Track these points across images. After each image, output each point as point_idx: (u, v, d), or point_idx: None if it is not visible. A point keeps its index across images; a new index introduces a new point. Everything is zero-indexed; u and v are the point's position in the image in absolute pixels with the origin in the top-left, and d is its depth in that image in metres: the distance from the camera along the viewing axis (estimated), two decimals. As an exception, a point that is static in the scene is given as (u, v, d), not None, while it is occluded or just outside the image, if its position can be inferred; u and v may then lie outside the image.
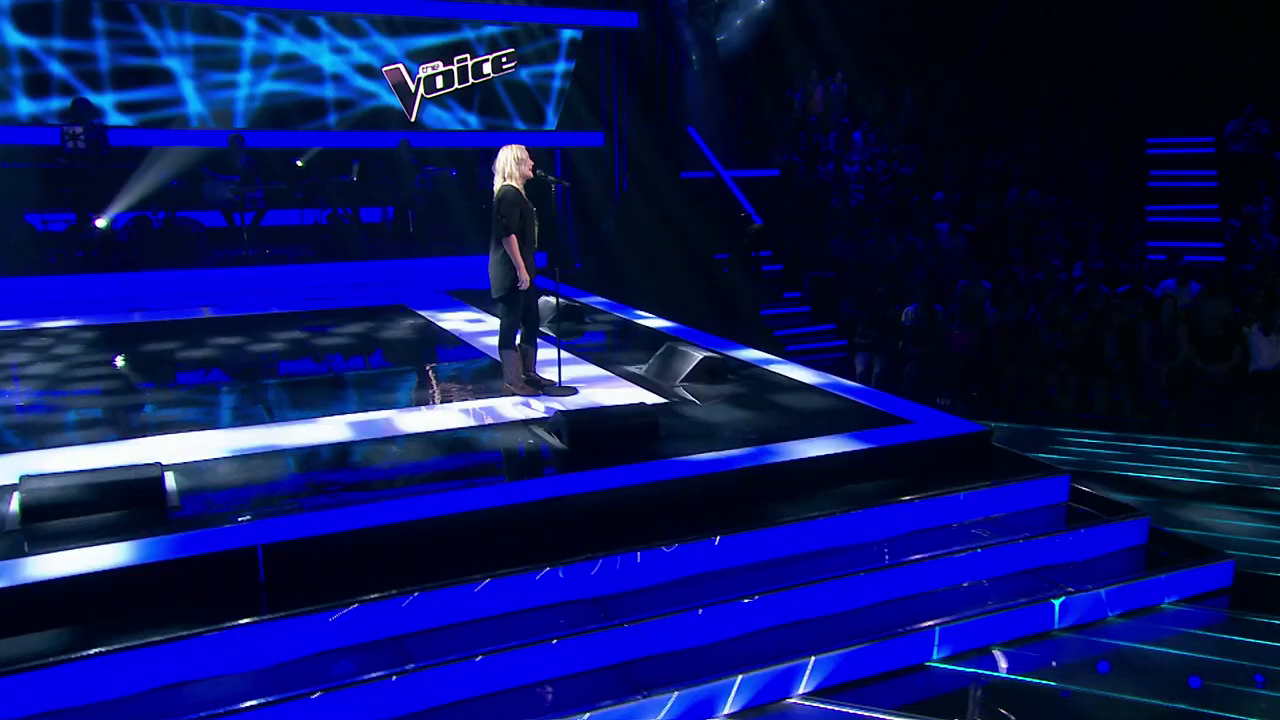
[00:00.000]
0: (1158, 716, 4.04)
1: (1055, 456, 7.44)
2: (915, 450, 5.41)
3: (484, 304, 9.75)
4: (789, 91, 17.69)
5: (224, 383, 7.15)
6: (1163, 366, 9.21)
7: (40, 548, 3.97)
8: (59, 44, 11.82)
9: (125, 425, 5.77)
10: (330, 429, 5.57)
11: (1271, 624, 4.78)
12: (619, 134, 15.89)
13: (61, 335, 8.39)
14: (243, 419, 5.89)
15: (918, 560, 4.73)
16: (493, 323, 8.87)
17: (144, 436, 5.46)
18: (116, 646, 3.53)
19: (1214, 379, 8.99)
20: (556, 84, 15.37)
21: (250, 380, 7.00)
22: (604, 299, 10.24)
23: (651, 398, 6.24)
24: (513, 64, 15.03)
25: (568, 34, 15.26)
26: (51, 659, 3.45)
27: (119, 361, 7.70)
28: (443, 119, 14.59)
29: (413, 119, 14.38)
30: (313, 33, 13.34)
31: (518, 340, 6.20)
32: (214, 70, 12.68)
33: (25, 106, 11.77)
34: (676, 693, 3.92)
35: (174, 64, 12.47)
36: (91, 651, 3.50)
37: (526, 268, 5.98)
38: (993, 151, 16.70)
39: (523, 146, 6.07)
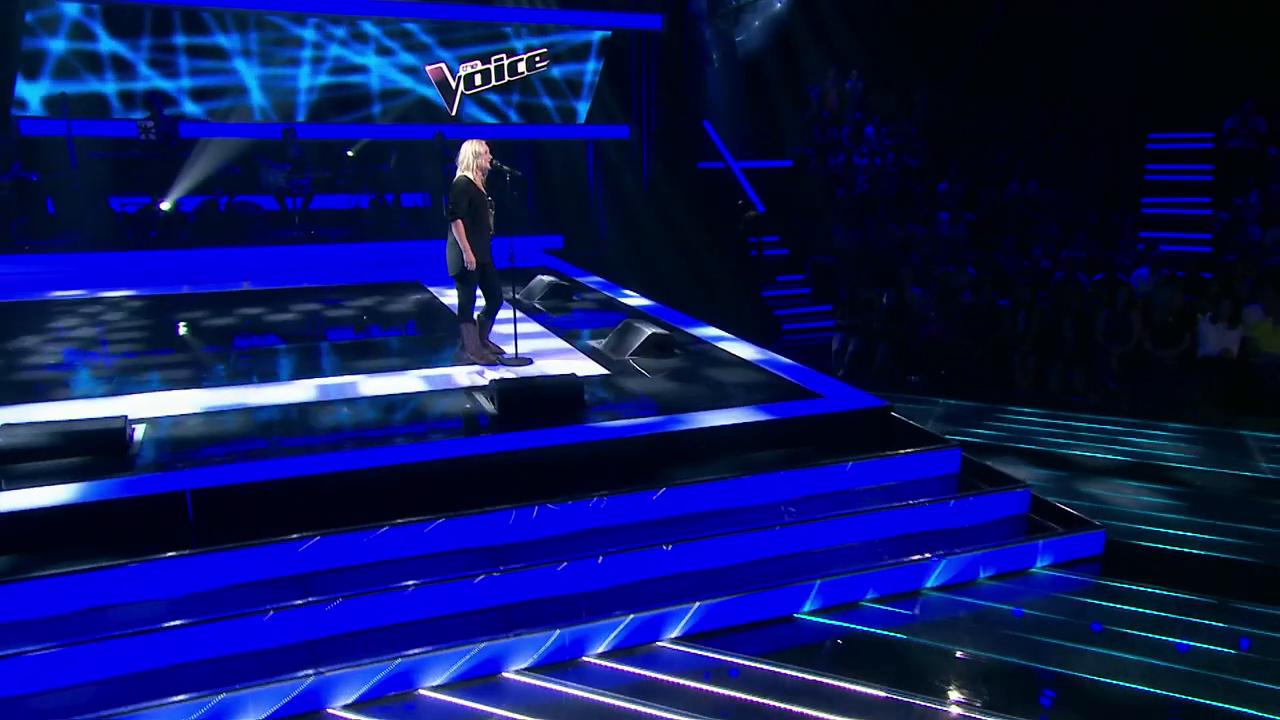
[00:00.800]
0: (1001, 670, 3.98)
1: (988, 432, 7.32)
2: (819, 422, 5.35)
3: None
4: (806, 88, 17.36)
5: (229, 348, 7.36)
6: (1116, 349, 8.90)
7: (10, 485, 4.21)
8: (145, 44, 12.26)
9: (128, 382, 6.02)
10: (299, 391, 5.75)
11: (1131, 588, 4.67)
12: (647, 127, 15.86)
13: (114, 303, 8.77)
14: (230, 380, 6.09)
15: (801, 522, 4.71)
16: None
17: (141, 393, 5.71)
18: (52, 571, 3.74)
19: (1163, 363, 8.66)
20: (587, 81, 15.37)
21: (251, 346, 7.19)
22: (601, 279, 10.26)
23: (599, 369, 6.28)
24: (545, 63, 15.08)
25: (598, 35, 15.25)
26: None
27: (181, 328, 8.00)
28: (481, 114, 14.72)
29: (453, 113, 14.56)
30: (362, 36, 13.57)
31: (475, 315, 6.29)
32: (276, 69, 13.00)
33: (113, 103, 12.25)
34: (557, 630, 4.01)
35: (241, 64, 12.82)
36: (31, 575, 3.72)
37: (482, 250, 6.05)
38: (997, 145, 16.21)
39: (483, 141, 6.14)
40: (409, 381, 5.98)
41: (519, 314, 7.04)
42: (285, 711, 3.58)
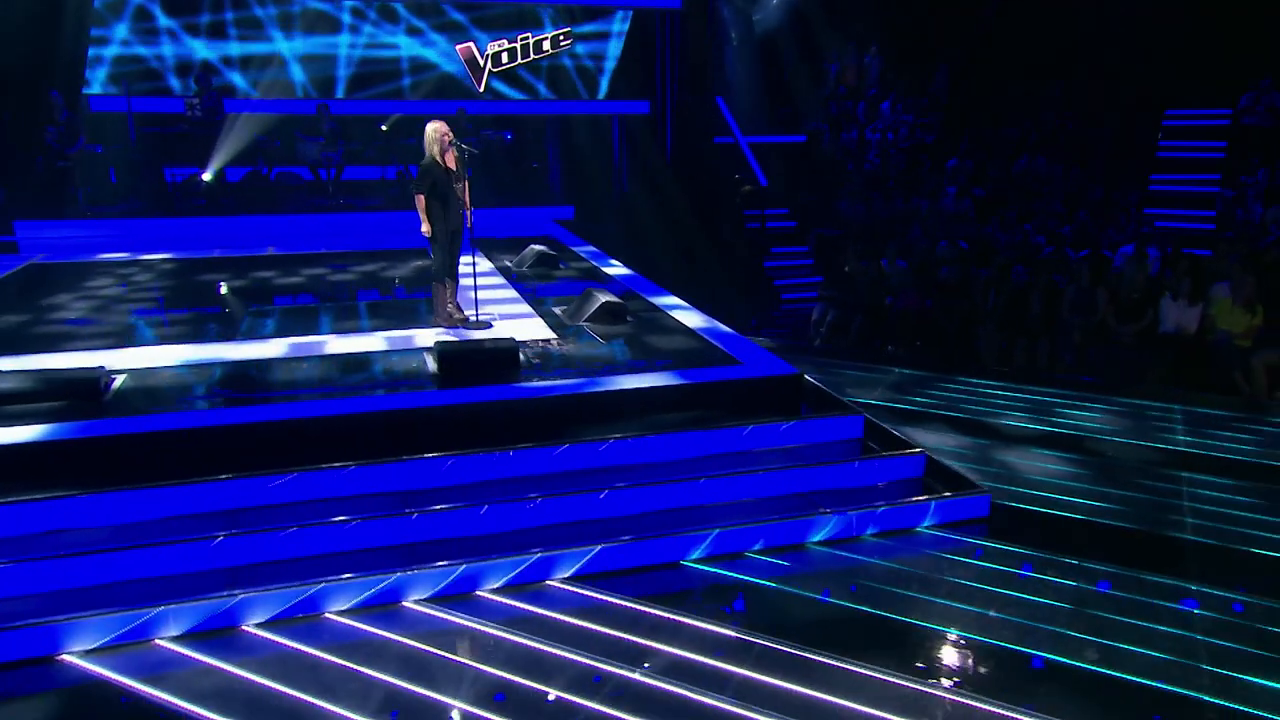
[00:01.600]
0: (851, 617, 4.12)
1: (928, 400, 7.33)
2: (733, 387, 5.49)
3: (492, 250, 10.09)
4: (825, 64, 17.07)
5: (232, 307, 7.75)
6: (1078, 320, 8.74)
7: (-1, 424, 4.65)
8: (200, 22, 12.76)
9: (128, 337, 6.44)
10: (272, 348, 6.10)
11: (1004, 548, 4.73)
12: (666, 103, 15.84)
13: (148, 266, 9.28)
14: (217, 337, 6.46)
15: (696, 479, 4.87)
16: (482, 265, 9.28)
17: (137, 346, 6.12)
18: (14, 499, 4.14)
19: (1123, 339, 8.50)
20: (609, 58, 15.40)
21: (247, 307, 7.54)
22: (595, 249, 10.41)
23: (550, 333, 6.49)
24: (569, 41, 15.09)
25: (620, 14, 15.23)
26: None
27: (222, 288, 8.42)
28: (507, 89, 14.89)
29: (481, 89, 14.72)
30: (393, 17, 13.83)
31: (448, 281, 6.55)
32: (315, 49, 13.38)
33: (170, 80, 12.80)
34: (456, 566, 4.27)
35: (283, 46, 13.22)
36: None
37: (451, 219, 6.30)
38: (1011, 120, 15.75)
39: (443, 123, 6.33)
40: (373, 342, 6.28)
41: (503, 280, 7.27)
42: (205, 626, 3.93)
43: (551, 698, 3.54)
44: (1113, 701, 3.53)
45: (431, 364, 5.65)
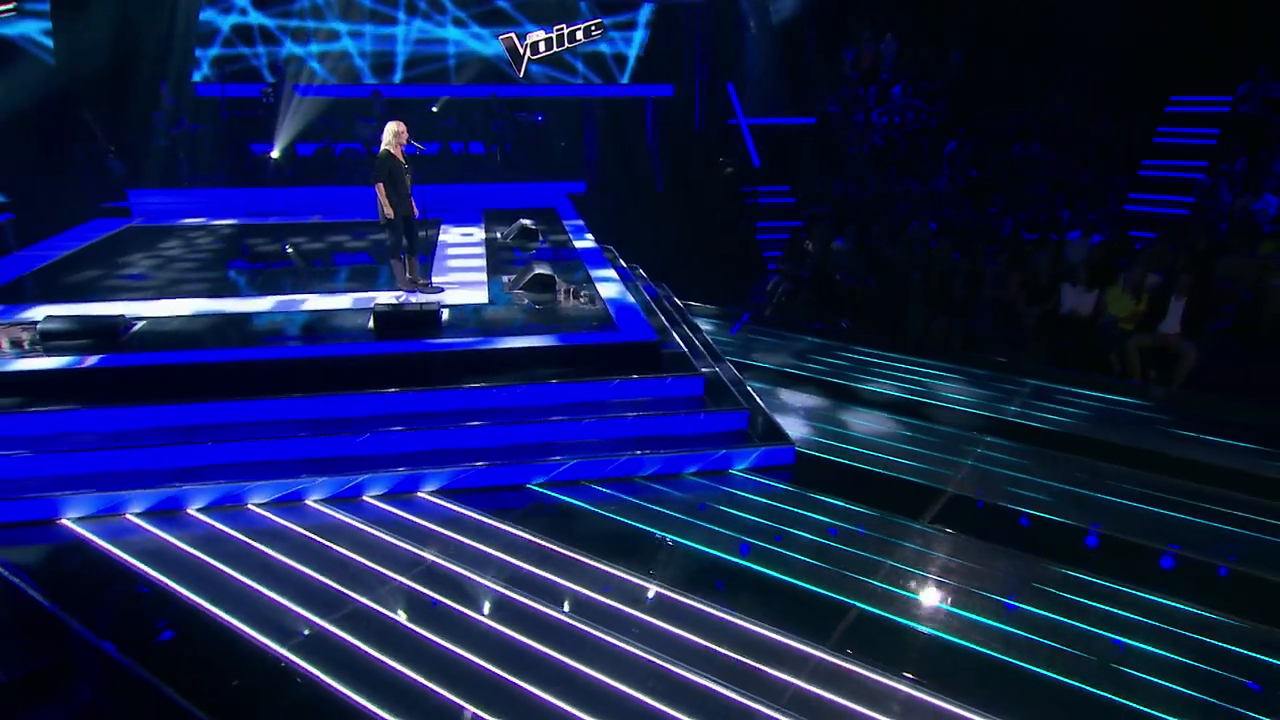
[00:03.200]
0: (638, 535, 4.84)
1: (814, 366, 7.83)
2: (605, 350, 6.21)
3: (500, 220, 10.92)
4: (842, 50, 16.97)
5: (254, 267, 8.72)
6: (990, 294, 8.97)
7: (41, 352, 5.84)
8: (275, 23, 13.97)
9: (163, 291, 7.62)
10: (261, 304, 7.15)
11: (797, 492, 5.32)
12: (698, 86, 16.24)
13: (212, 230, 10.56)
14: (229, 293, 7.57)
15: (555, 420, 5.66)
16: (478, 235, 10.15)
17: (163, 299, 7.30)
18: (40, 409, 5.31)
19: (1026, 320, 8.69)
20: (635, 47, 15.86)
21: (266, 266, 8.60)
22: (580, 223, 11.10)
23: (484, 299, 7.34)
24: (600, 31, 15.59)
25: (647, 7, 15.63)
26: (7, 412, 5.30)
27: (288, 248, 9.44)
28: (543, 75, 15.58)
29: (521, 74, 15.44)
30: (441, 9, 14.69)
31: (404, 255, 7.44)
32: (376, 40, 14.43)
33: (258, 65, 14.12)
34: (348, 478, 5.23)
35: (348, 42, 14.32)
36: (29, 409, 5.31)
37: (403, 205, 7.14)
38: (1015, 106, 15.41)
39: (401, 123, 7.14)
40: (341, 301, 7.27)
41: (483, 250, 7.99)
42: (158, 507, 5.02)
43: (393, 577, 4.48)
44: (794, 607, 4.17)
45: (370, 322, 6.58)
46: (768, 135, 15.63)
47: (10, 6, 12.08)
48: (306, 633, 3.97)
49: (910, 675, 3.64)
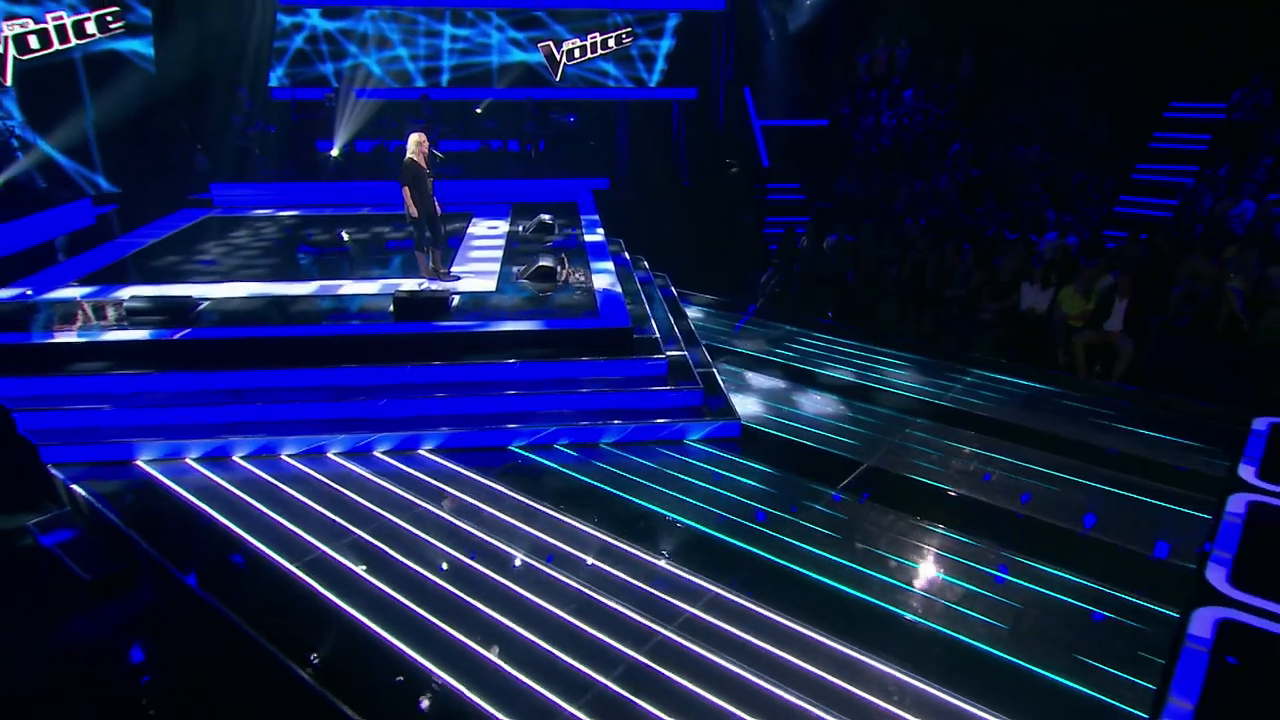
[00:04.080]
0: (591, 491, 5.49)
1: (783, 351, 8.29)
2: (585, 333, 6.84)
3: (525, 214, 11.59)
4: (857, 55, 17.07)
5: (308, 253, 9.58)
6: (955, 296, 9.28)
7: (127, 326, 6.77)
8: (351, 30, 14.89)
9: (228, 275, 8.53)
10: (307, 288, 7.98)
11: (738, 460, 5.87)
12: (720, 90, 16.60)
13: (276, 220, 11.50)
14: (284, 277, 8.43)
15: (534, 393, 6.34)
16: (502, 228, 10.84)
17: (228, 281, 8.19)
18: (123, 372, 6.22)
19: (985, 315, 8.98)
20: (663, 53, 16.28)
21: (319, 253, 9.47)
22: (595, 218, 11.68)
23: (492, 287, 8.03)
24: (630, 39, 16.11)
25: (673, 16, 16.03)
26: (91, 374, 6.23)
27: (344, 235, 10.33)
28: (579, 78, 16.14)
29: (558, 78, 16.09)
30: (485, 17, 15.36)
31: (428, 247, 8.16)
32: (425, 48, 15.19)
33: (323, 69, 15.07)
34: (374, 435, 6.01)
35: (402, 49, 15.12)
36: (115, 371, 6.23)
37: (424, 205, 7.85)
38: (1019, 109, 15.38)
39: (423, 134, 7.82)
40: (371, 287, 8.06)
41: (503, 242, 8.60)
42: (210, 454, 5.88)
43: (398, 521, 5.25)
44: (707, 553, 4.77)
45: (390, 307, 7.34)
46: (782, 136, 15.95)
47: (120, 25, 13.20)
48: (312, 557, 4.76)
49: (795, 617, 4.19)
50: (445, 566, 4.64)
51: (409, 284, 8.02)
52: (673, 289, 9.94)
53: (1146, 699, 3.61)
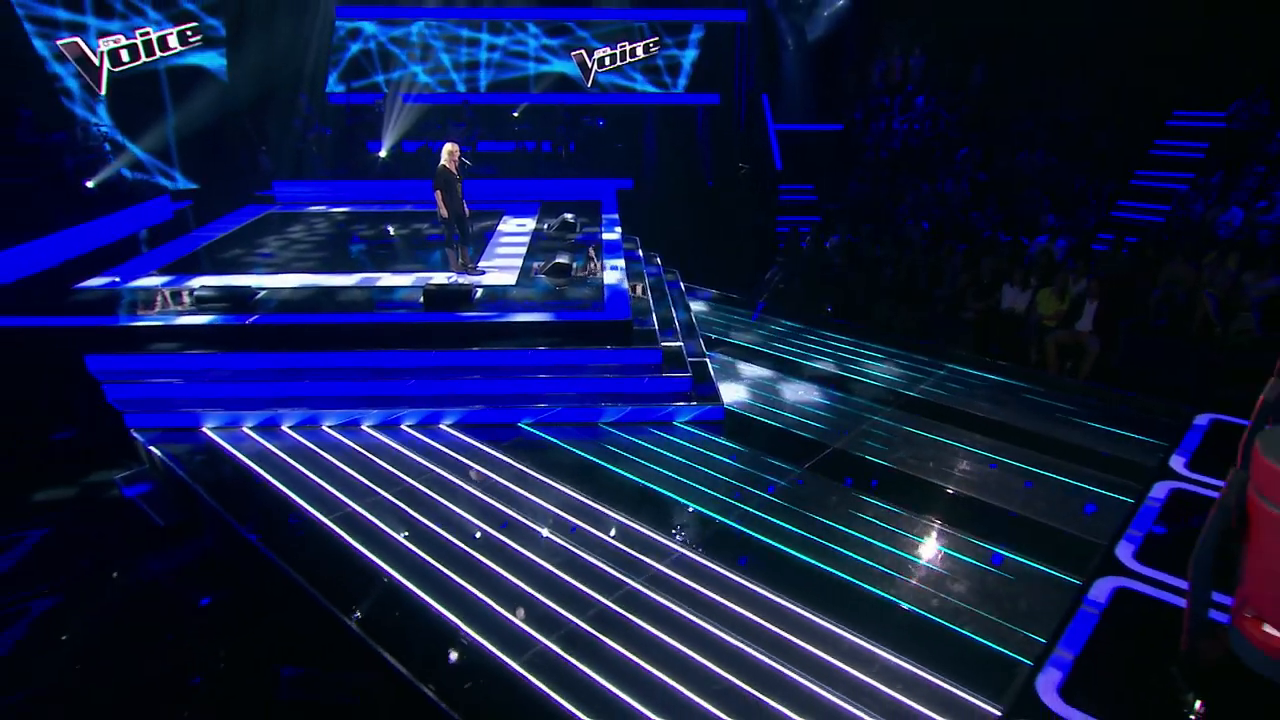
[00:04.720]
0: (589, 466, 6.03)
1: (778, 344, 8.69)
2: (588, 325, 7.36)
3: (552, 212, 12.12)
4: (872, 63, 17.17)
5: (358, 244, 10.26)
6: (942, 296, 9.54)
7: (197, 311, 7.51)
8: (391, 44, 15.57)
9: (282, 267, 9.25)
10: (349, 279, 8.66)
11: (719, 441, 6.37)
12: (740, 96, 16.91)
13: (328, 216, 12.24)
14: (327, 269, 9.13)
15: (540, 376, 6.90)
16: (529, 226, 11.39)
17: (284, 273, 8.91)
18: (192, 351, 6.96)
19: (966, 314, 9.23)
20: (688, 61, 16.64)
21: (363, 248, 10.17)
22: (614, 217, 12.15)
23: (512, 281, 8.60)
24: (657, 48, 16.50)
25: (697, 26, 16.37)
26: (166, 352, 6.98)
27: (390, 229, 11.03)
28: (609, 85, 16.59)
29: (589, 85, 16.57)
30: (523, 28, 15.90)
31: (457, 244, 8.77)
32: (466, 57, 15.82)
33: (375, 76, 15.78)
34: (402, 411, 6.65)
35: (445, 57, 15.76)
36: (184, 351, 6.97)
37: (453, 206, 8.44)
38: (1025, 115, 15.37)
39: (455, 144, 8.39)
40: (405, 279, 8.69)
41: (527, 239, 9.13)
42: (263, 424, 6.58)
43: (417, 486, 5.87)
44: (676, 519, 5.28)
45: (420, 298, 7.95)
46: (798, 140, 16.19)
47: (199, 39, 14.09)
48: (342, 513, 5.41)
49: (746, 575, 4.69)
50: (455, 524, 5.23)
51: (439, 277, 8.63)
52: (681, 283, 10.39)
53: (1035, 649, 4.02)
